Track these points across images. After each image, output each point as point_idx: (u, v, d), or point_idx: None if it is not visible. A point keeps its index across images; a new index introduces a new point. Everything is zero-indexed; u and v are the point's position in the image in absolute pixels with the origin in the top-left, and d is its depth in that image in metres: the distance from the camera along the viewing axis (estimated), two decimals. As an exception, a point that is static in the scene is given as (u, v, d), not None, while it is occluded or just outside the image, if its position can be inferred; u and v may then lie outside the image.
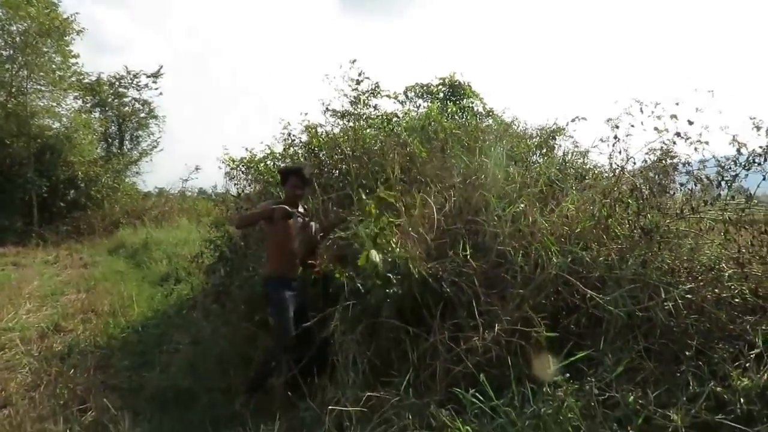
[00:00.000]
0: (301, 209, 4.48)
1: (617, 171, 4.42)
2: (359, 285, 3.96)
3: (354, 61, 6.91)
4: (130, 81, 23.24)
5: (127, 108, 23.34)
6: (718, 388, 3.02)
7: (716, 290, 3.61)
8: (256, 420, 3.84)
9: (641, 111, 4.02)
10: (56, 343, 5.77)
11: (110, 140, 23.36)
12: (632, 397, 2.90)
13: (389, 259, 3.87)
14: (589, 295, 3.57)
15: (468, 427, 2.99)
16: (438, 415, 3.22)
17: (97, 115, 22.63)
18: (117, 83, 23.16)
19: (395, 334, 3.91)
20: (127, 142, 23.56)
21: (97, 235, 16.45)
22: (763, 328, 3.28)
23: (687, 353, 3.25)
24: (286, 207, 4.20)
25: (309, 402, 3.69)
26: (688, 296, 3.49)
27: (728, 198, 3.94)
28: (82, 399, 4.08)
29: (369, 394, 3.43)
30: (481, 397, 3.14)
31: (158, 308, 6.96)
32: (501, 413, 3.01)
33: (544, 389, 2.98)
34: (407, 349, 3.74)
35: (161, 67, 24.33)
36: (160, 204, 19.71)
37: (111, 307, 7.15)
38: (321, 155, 6.05)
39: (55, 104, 18.96)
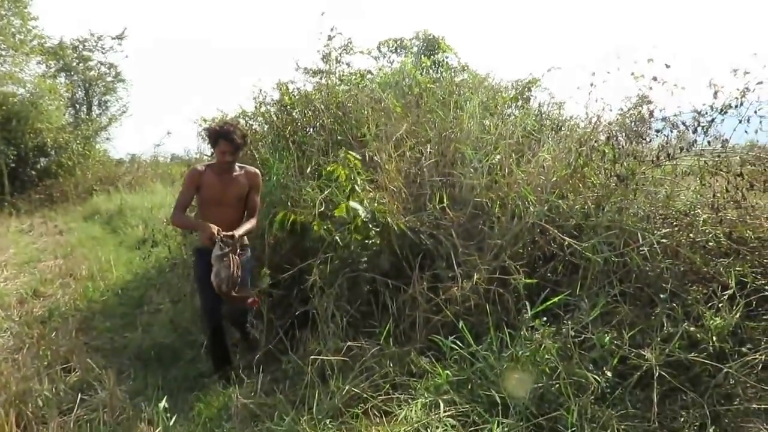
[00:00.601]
0: (238, 170, 3.90)
1: (593, 120, 4.43)
2: (337, 238, 3.95)
3: (323, 13, 6.72)
4: (94, 44, 22.49)
5: (92, 72, 22.64)
6: (692, 328, 3.10)
7: (691, 235, 3.67)
8: (239, 373, 3.87)
9: (618, 57, 4.00)
10: (36, 307, 5.72)
11: (78, 106, 22.73)
12: (608, 338, 2.96)
13: (368, 215, 3.85)
14: (567, 243, 3.61)
15: (448, 372, 3.04)
16: (418, 361, 3.27)
17: (62, 80, 21.96)
18: (81, 46, 22.40)
19: (374, 286, 3.93)
20: (95, 108, 22.97)
21: (71, 203, 16.15)
22: (737, 269, 3.36)
23: (661, 296, 3.32)
24: (214, 233, 3.57)
25: (291, 354, 3.72)
26: (664, 241, 3.55)
27: (704, 144, 3.97)
28: (66, 359, 4.06)
29: (350, 344, 3.46)
30: (460, 344, 3.18)
31: (137, 271, 6.90)
32: (480, 358, 3.06)
33: (522, 333, 3.03)
34: (387, 301, 3.77)
35: (125, 29, 23.62)
36: (134, 170, 19.38)
37: (89, 272, 7.08)
38: (294, 113, 5.95)
39: (17, 70, 18.30)
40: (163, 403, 2.94)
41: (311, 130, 5.70)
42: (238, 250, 3.65)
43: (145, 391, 3.66)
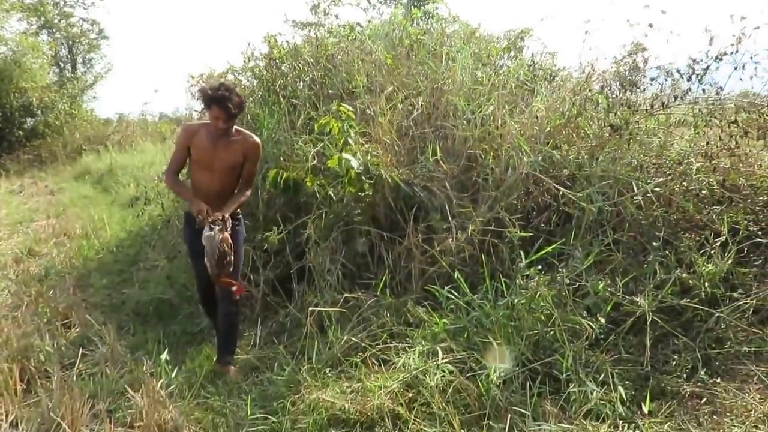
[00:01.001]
0: (235, 136, 3.40)
1: (587, 69, 4.38)
2: (331, 193, 3.94)
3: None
4: (75, -1, 21.91)
5: (75, 29, 22.13)
6: (684, 275, 3.15)
7: (684, 183, 3.69)
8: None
9: (612, 2, 3.92)
10: (32, 266, 5.73)
11: (62, 65, 22.31)
12: (602, 285, 3.00)
13: (360, 167, 3.83)
14: (561, 193, 3.62)
15: (445, 320, 3.08)
16: (415, 311, 3.31)
17: (44, 38, 21.45)
18: (62, 2, 21.83)
19: (369, 239, 3.94)
20: (80, 66, 22.54)
21: (60, 163, 16.00)
22: (730, 215, 3.39)
23: (654, 244, 3.35)
24: (203, 212, 3.22)
25: (289, 307, 3.76)
26: (657, 189, 3.56)
27: (699, 92, 3.94)
28: (65, 316, 4.09)
29: (347, 296, 3.50)
30: (456, 293, 3.22)
31: (130, 229, 6.89)
32: (475, 307, 3.10)
33: (517, 282, 3.06)
34: (382, 254, 3.79)
35: (106, -17, 22.95)
36: (122, 129, 19.13)
37: (83, 231, 7.05)
38: (283, 67, 5.84)
39: (-2, 27, 17.83)
40: (164, 356, 2.97)
41: (301, 83, 5.61)
42: (229, 227, 3.27)
43: (145, 346, 3.70)
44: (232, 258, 3.24)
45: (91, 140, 17.79)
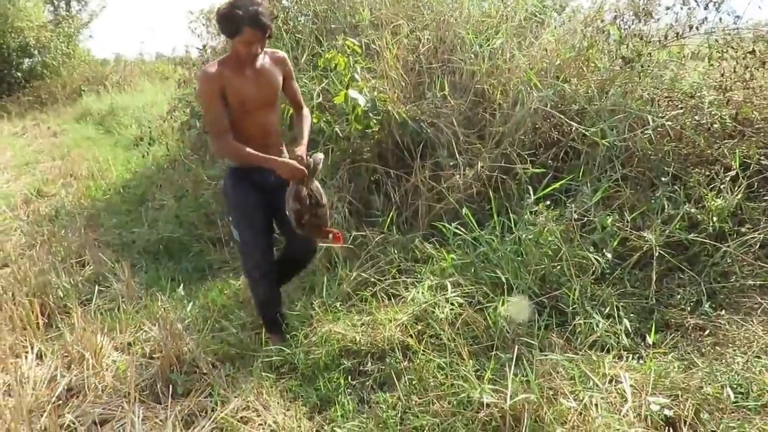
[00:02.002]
0: (261, 58, 2.74)
1: (599, -1, 4.24)
2: (337, 130, 3.90)
3: None
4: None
5: (67, -37, 21.36)
6: (693, 210, 3.13)
7: (696, 117, 3.62)
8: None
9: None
10: (42, 206, 5.80)
11: (56, 2, 21.69)
12: (610, 220, 3.00)
13: (368, 104, 3.78)
14: (571, 128, 3.58)
15: (453, 255, 3.12)
16: (423, 247, 3.34)
17: (36, -26, 20.75)
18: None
19: (376, 177, 3.94)
20: (74, 3, 21.91)
21: (61, 104, 15.85)
22: (742, 150, 3.35)
23: (663, 179, 3.34)
24: (301, 160, 2.65)
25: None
26: (668, 123, 3.51)
27: (716, 21, 3.82)
28: (79, 254, 4.15)
29: (354, 233, 3.52)
30: (463, 230, 3.24)
31: (135, 170, 6.90)
32: (483, 243, 3.12)
33: (525, 218, 3.07)
34: (389, 191, 3.79)
35: None
36: (120, 69, 18.85)
37: (89, 172, 7.08)
38: (284, 1, 5.68)
39: (-14, -37, 17.27)
40: (180, 290, 3.03)
41: (303, 18, 5.47)
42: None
43: (159, 282, 3.78)
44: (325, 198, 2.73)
45: (89, 81, 17.56)
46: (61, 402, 2.32)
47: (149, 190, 5.78)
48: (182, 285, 3.55)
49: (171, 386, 2.58)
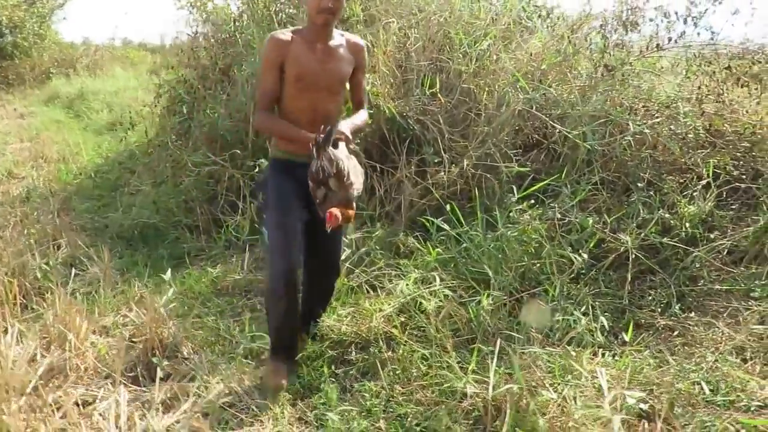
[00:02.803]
0: (338, 39, 2.55)
1: (586, 7, 4.35)
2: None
3: None
4: None
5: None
6: (666, 215, 3.27)
7: (671, 127, 3.76)
8: (224, 253, 3.97)
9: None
10: (13, 188, 5.65)
11: (29, -18, 21.03)
12: (591, 221, 3.09)
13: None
14: (554, 131, 3.67)
15: (438, 249, 3.16)
16: (406, 241, 3.39)
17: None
18: None
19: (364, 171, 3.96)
20: (48, -17, 21.26)
21: (28, 86, 15.40)
22: (715, 159, 3.49)
23: (639, 184, 3.46)
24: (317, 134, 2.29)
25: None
26: (646, 131, 3.63)
27: (694, 35, 3.97)
28: (54, 237, 4.06)
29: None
30: (447, 225, 3.29)
31: (107, 155, 6.77)
32: (466, 239, 3.18)
33: (510, 215, 3.14)
34: (374, 185, 3.82)
35: None
36: (91, 53, 18.42)
37: (60, 155, 6.93)
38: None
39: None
40: (168, 274, 3.00)
41: (293, 9, 5.45)
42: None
43: (135, 268, 3.73)
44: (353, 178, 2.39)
45: (59, 63, 17.12)
46: (42, 382, 2.28)
47: (123, 176, 5.68)
48: (157, 271, 3.51)
49: (151, 370, 2.57)
